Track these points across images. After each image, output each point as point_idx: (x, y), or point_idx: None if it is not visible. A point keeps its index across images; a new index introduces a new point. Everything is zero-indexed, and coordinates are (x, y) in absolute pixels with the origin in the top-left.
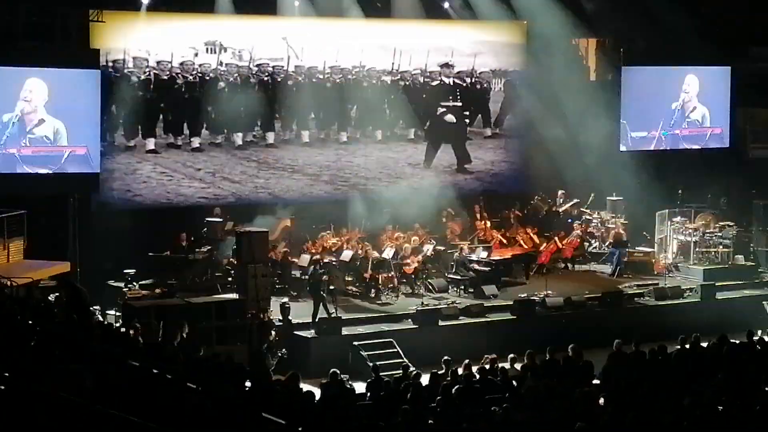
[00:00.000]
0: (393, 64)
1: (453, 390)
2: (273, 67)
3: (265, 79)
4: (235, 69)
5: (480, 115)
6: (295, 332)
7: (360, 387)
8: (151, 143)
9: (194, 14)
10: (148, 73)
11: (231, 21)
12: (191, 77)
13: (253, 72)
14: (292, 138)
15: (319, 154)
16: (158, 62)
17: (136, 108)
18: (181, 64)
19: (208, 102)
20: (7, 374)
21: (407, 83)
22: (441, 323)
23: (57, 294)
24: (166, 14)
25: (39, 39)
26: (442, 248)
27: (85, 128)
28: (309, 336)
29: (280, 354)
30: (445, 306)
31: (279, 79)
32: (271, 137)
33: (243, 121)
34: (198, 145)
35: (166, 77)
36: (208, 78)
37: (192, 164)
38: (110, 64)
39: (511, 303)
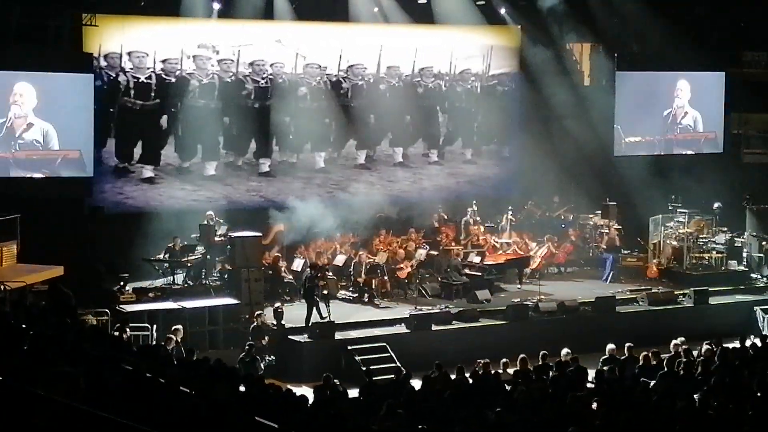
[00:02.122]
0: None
1: (446, 394)
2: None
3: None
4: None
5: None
6: (289, 336)
7: (353, 391)
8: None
9: (187, 18)
10: (143, 77)
11: (223, 25)
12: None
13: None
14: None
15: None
16: (152, 65)
17: (129, 112)
18: (163, 63)
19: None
20: (0, 377)
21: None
22: (434, 328)
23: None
24: (159, 18)
25: (31, 42)
26: (436, 253)
27: (77, 132)
28: (302, 340)
29: (267, 360)
30: (438, 310)
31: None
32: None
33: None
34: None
35: (161, 81)
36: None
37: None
38: (103, 67)
39: (504, 308)
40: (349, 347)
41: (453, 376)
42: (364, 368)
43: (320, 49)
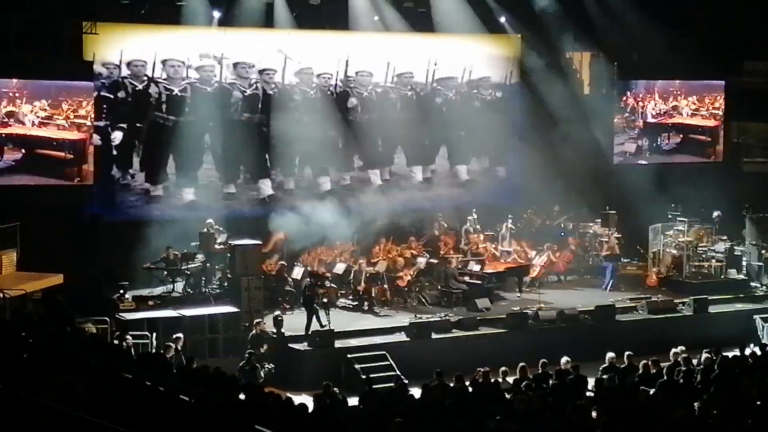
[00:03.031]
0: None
1: (445, 403)
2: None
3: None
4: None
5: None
6: (289, 345)
7: (353, 399)
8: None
9: (188, 27)
10: (143, 85)
11: (223, 34)
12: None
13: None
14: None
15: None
16: (151, 74)
17: (129, 120)
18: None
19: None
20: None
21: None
22: (434, 336)
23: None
24: (160, 26)
25: (32, 50)
26: (436, 261)
27: None
28: (302, 348)
29: (267, 368)
30: (438, 319)
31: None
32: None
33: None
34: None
35: (159, 89)
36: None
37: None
38: (103, 76)
39: (504, 316)
40: (348, 355)
41: (452, 385)
42: (363, 376)
43: (323, 58)
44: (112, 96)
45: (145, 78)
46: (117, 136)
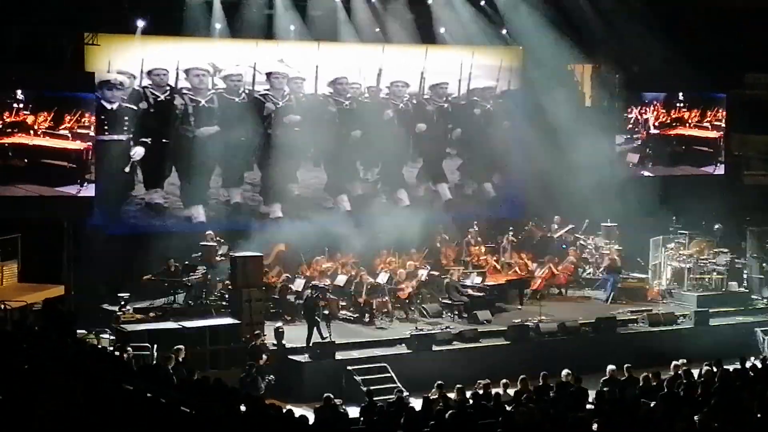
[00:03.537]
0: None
1: (446, 415)
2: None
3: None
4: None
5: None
6: (289, 356)
7: (354, 411)
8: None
9: (189, 37)
10: (141, 96)
11: (226, 44)
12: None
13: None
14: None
15: (314, 177)
16: (151, 85)
17: (131, 131)
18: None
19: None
20: (0, 397)
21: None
22: (435, 348)
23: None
24: (161, 38)
25: (32, 62)
26: (437, 273)
27: None
28: (303, 360)
29: (267, 379)
30: (439, 331)
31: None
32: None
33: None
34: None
35: (161, 100)
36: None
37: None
38: (104, 87)
39: (505, 328)
40: (349, 367)
41: (453, 397)
42: (364, 388)
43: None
44: (134, 107)
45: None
46: (138, 152)
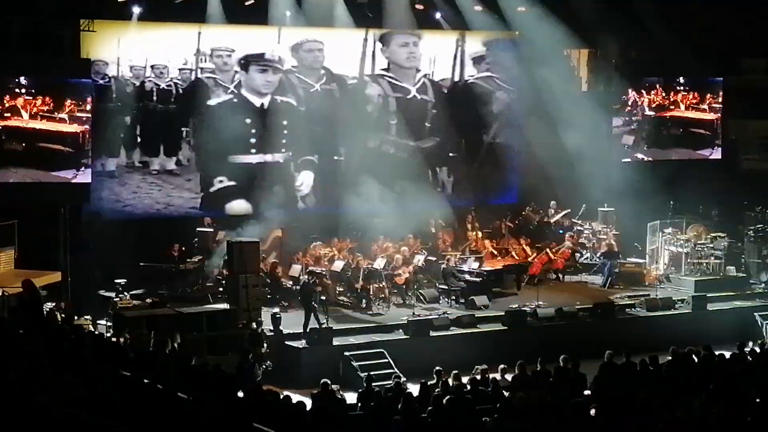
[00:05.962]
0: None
1: (444, 400)
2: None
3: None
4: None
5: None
6: (286, 342)
7: (351, 397)
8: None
9: (186, 24)
10: (139, 84)
11: (222, 30)
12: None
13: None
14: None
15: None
16: (150, 72)
17: (126, 119)
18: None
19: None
20: None
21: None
22: (432, 334)
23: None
24: (157, 24)
25: (32, 50)
26: (434, 259)
27: None
28: (300, 346)
29: (265, 366)
30: (437, 316)
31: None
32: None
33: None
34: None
35: (159, 88)
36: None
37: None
38: (101, 74)
39: (503, 314)
40: (346, 353)
41: (451, 382)
42: (362, 374)
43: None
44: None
45: (140, 77)
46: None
